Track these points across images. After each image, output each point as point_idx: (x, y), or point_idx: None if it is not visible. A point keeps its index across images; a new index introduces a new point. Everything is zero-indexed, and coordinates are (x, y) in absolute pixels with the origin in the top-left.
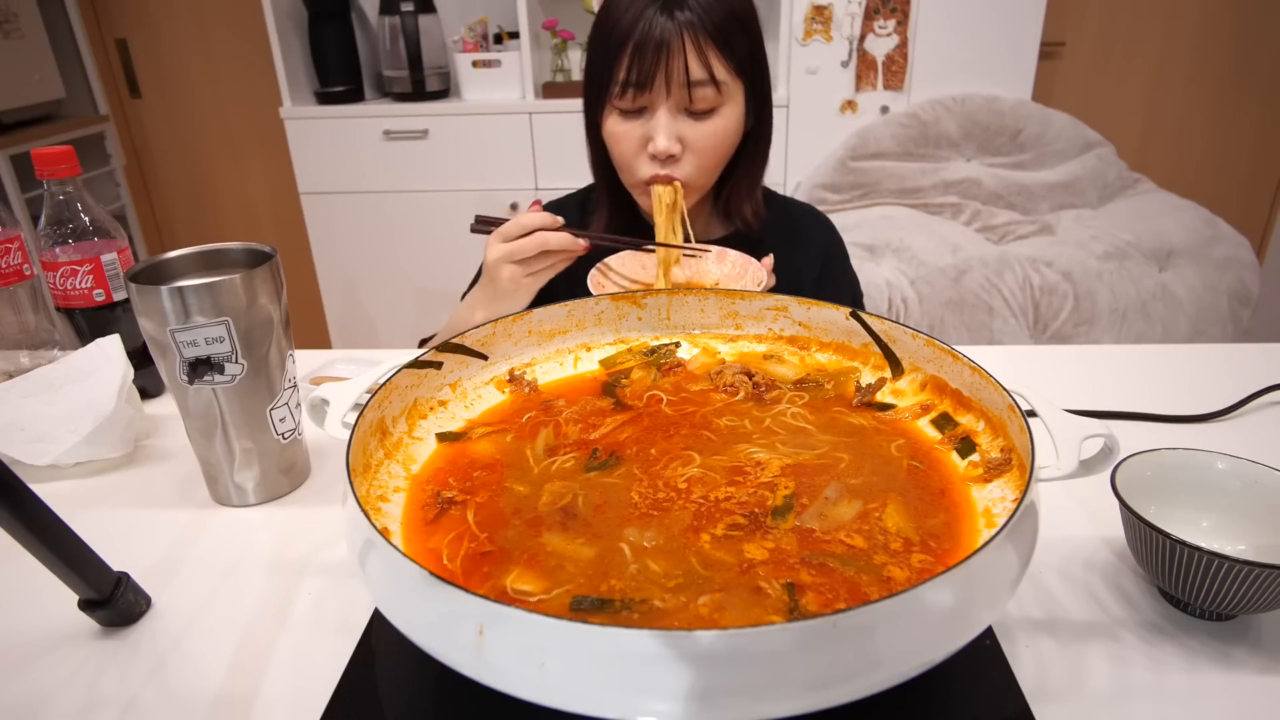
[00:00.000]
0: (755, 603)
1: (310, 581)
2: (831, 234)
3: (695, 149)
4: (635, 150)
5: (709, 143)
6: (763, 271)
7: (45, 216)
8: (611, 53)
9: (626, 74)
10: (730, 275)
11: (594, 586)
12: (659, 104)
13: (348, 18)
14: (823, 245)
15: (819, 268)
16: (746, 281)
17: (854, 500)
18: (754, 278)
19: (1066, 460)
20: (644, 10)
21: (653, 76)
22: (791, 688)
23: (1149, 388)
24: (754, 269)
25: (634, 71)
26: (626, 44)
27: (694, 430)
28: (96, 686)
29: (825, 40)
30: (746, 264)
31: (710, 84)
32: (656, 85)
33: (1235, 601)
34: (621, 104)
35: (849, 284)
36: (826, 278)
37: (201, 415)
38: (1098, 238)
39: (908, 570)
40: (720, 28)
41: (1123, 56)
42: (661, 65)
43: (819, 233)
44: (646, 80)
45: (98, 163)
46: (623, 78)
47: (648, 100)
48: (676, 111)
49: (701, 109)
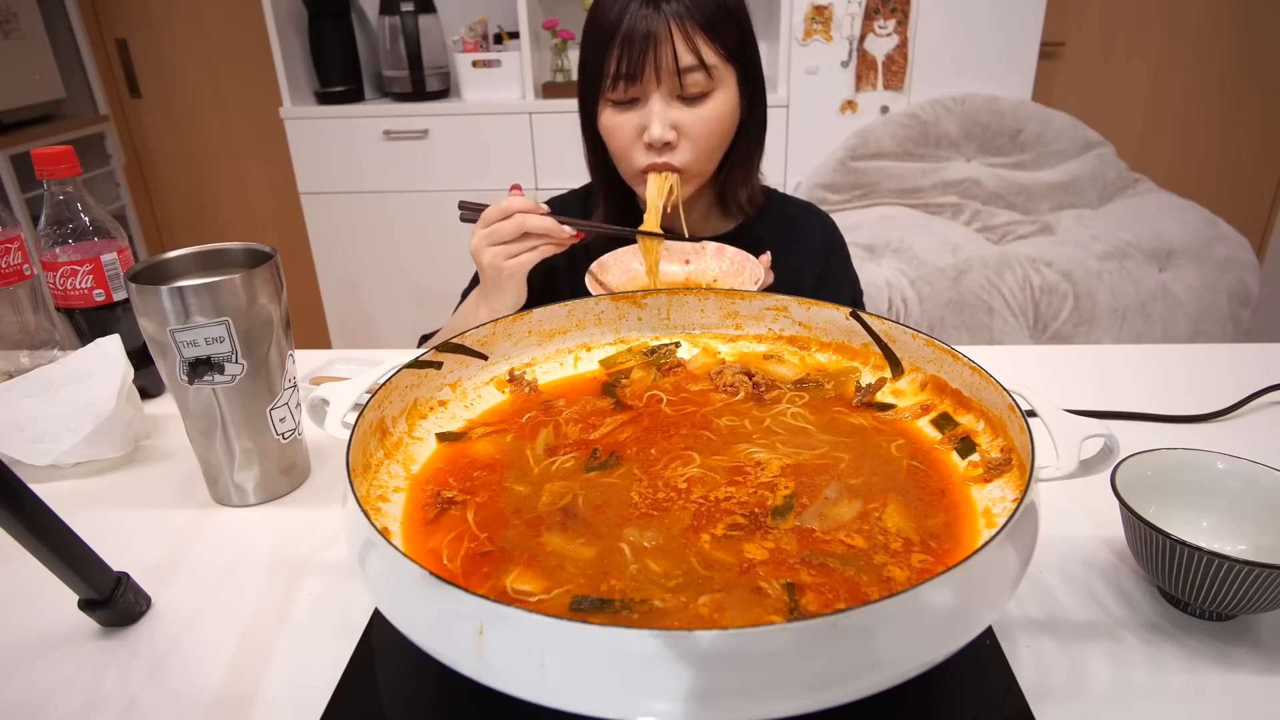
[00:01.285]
0: (755, 603)
1: (310, 581)
2: (832, 232)
3: (691, 135)
4: (631, 141)
5: (704, 127)
6: (760, 268)
7: (45, 216)
8: (601, 47)
9: (617, 66)
10: (728, 272)
11: (594, 586)
12: (651, 93)
13: (348, 18)
14: (823, 243)
15: (819, 266)
16: (744, 278)
17: (854, 500)
18: (751, 274)
19: (1066, 460)
20: (629, 3)
21: (642, 67)
22: (791, 688)
23: (1149, 388)
24: (752, 265)
25: (623, 63)
26: (615, 37)
27: (694, 430)
28: (96, 686)
29: (825, 40)
30: (745, 261)
31: (700, 69)
32: (647, 75)
33: (1235, 601)
34: (614, 96)
35: (849, 283)
36: (827, 276)
37: (201, 415)
38: (1098, 238)
39: (908, 570)
40: (707, 15)
41: (1123, 56)
42: (650, 55)
43: (819, 230)
44: (636, 71)
45: (98, 163)
46: (613, 70)
47: (640, 91)
48: (669, 99)
49: (694, 94)
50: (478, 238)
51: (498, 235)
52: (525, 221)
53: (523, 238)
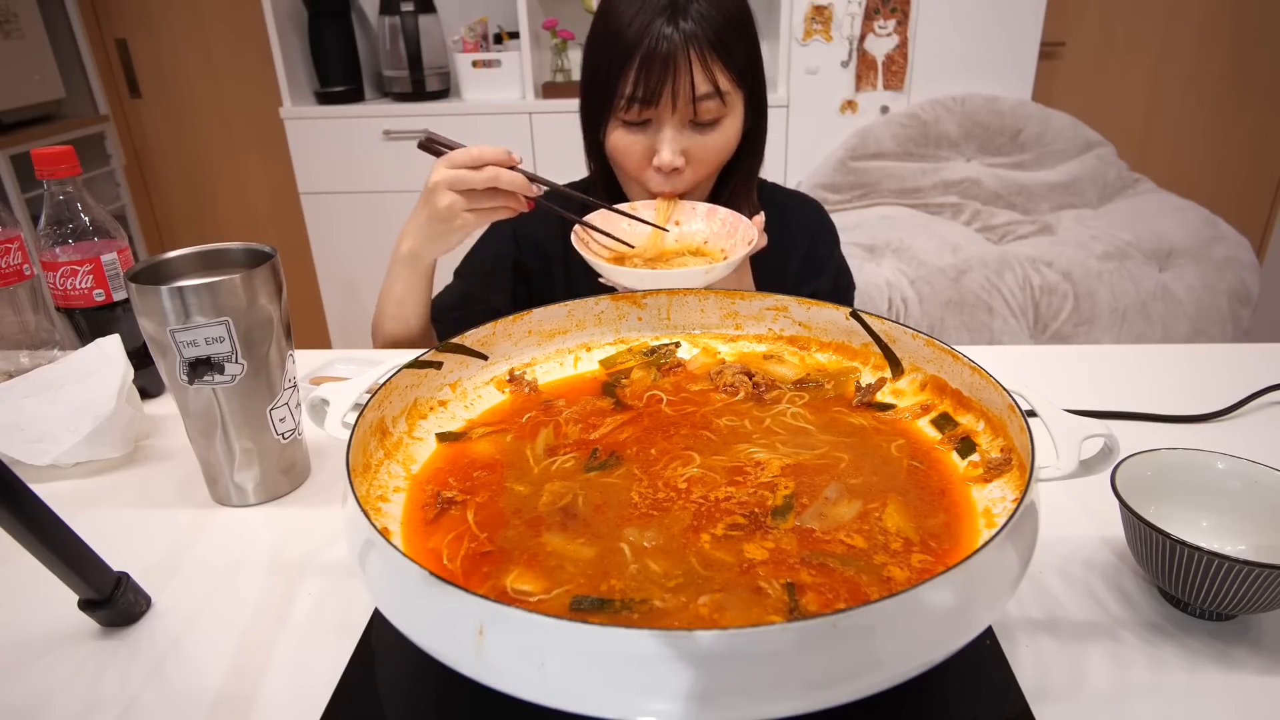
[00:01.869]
0: (755, 603)
1: (310, 582)
2: (819, 217)
3: (697, 161)
4: (640, 164)
5: (711, 155)
6: (754, 229)
7: (45, 216)
8: (617, 64)
9: (633, 89)
10: (720, 233)
11: (594, 586)
12: (665, 119)
13: (348, 17)
14: (809, 227)
15: (803, 250)
16: (737, 239)
17: (854, 500)
18: (744, 235)
19: (1066, 460)
20: (650, 23)
21: (660, 92)
22: (792, 688)
23: (1149, 388)
24: (745, 226)
25: (640, 87)
26: (633, 56)
27: (694, 430)
28: (96, 687)
29: (825, 40)
30: (737, 221)
31: (715, 96)
32: (663, 101)
33: (1235, 601)
34: (627, 117)
35: (835, 269)
36: (812, 260)
37: (201, 415)
38: (1098, 238)
39: (908, 570)
40: (721, 37)
41: (1123, 56)
42: (669, 81)
43: (806, 214)
44: (654, 96)
45: (98, 163)
46: (629, 92)
47: (653, 114)
48: (681, 126)
49: (706, 120)
50: (441, 176)
51: (464, 182)
52: (499, 177)
53: (489, 192)
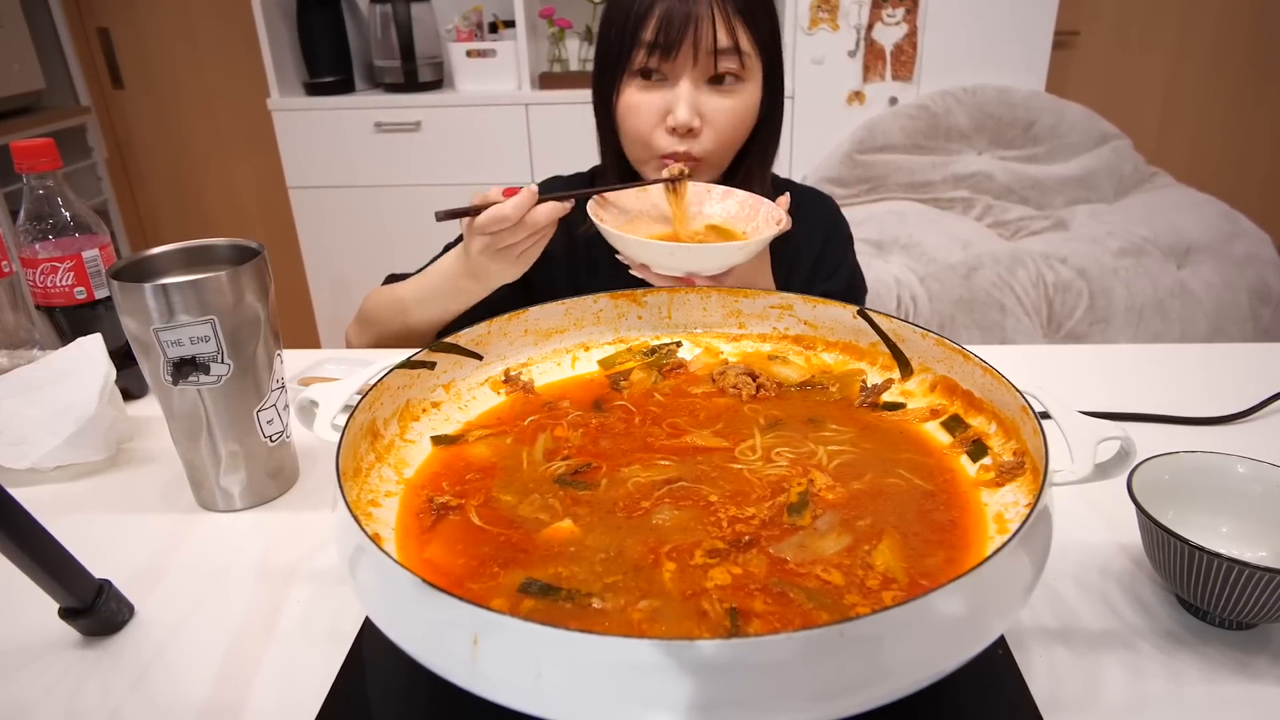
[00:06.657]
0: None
1: (299, 589)
2: (834, 215)
3: (714, 124)
4: (653, 123)
5: (728, 118)
6: (779, 210)
7: (25, 212)
8: (637, 18)
9: (655, 35)
10: (739, 216)
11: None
12: (682, 73)
13: (337, 6)
14: (823, 226)
15: (818, 249)
16: (759, 221)
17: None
18: (768, 216)
19: (1081, 464)
20: None
21: (680, 40)
22: (796, 699)
23: (1166, 388)
24: (768, 207)
25: (661, 34)
26: (654, 9)
27: (694, 430)
28: (77, 698)
29: (832, 29)
30: (758, 203)
31: (735, 53)
32: (684, 51)
33: (1256, 610)
34: (645, 64)
35: (848, 270)
36: (824, 260)
37: (186, 417)
38: (1113, 233)
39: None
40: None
41: (1139, 46)
42: (690, 30)
43: (821, 212)
44: (674, 43)
45: (79, 156)
46: (650, 39)
47: (670, 69)
48: (699, 83)
49: (725, 74)
50: (481, 247)
51: (505, 242)
52: (536, 222)
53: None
